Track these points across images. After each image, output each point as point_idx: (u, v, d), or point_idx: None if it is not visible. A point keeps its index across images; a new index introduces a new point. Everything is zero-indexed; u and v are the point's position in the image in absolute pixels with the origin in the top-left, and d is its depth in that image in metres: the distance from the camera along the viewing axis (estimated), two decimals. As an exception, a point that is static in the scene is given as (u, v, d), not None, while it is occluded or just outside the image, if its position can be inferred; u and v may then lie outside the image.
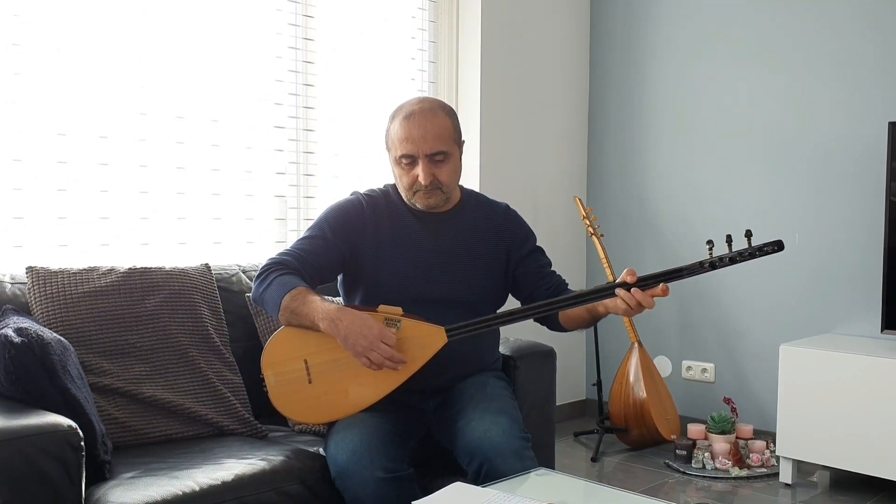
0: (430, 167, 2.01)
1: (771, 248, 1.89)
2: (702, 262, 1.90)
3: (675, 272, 1.90)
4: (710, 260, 1.90)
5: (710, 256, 1.91)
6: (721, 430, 3.31)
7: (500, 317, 1.99)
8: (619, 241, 3.99)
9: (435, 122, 2.02)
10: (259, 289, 1.98)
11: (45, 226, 2.48)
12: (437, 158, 2.01)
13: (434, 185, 2.02)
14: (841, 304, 3.35)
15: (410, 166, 2.02)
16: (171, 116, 2.73)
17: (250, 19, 2.94)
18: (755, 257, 1.90)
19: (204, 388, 2.15)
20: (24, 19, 2.40)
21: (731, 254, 1.90)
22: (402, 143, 2.01)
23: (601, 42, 4.09)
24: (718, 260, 1.90)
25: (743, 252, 1.90)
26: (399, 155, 2.02)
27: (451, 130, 2.06)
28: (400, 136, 2.01)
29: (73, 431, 1.57)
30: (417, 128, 2.00)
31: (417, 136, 1.99)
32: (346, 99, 3.27)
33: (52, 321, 2.02)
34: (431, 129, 2.00)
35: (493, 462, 1.83)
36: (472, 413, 1.94)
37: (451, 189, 2.08)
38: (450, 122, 2.06)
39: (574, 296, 1.98)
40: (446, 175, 2.04)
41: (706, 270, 1.91)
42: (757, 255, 1.90)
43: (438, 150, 2.00)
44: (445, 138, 2.02)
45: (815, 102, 3.41)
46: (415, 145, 1.99)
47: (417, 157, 2.00)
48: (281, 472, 1.85)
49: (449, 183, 2.06)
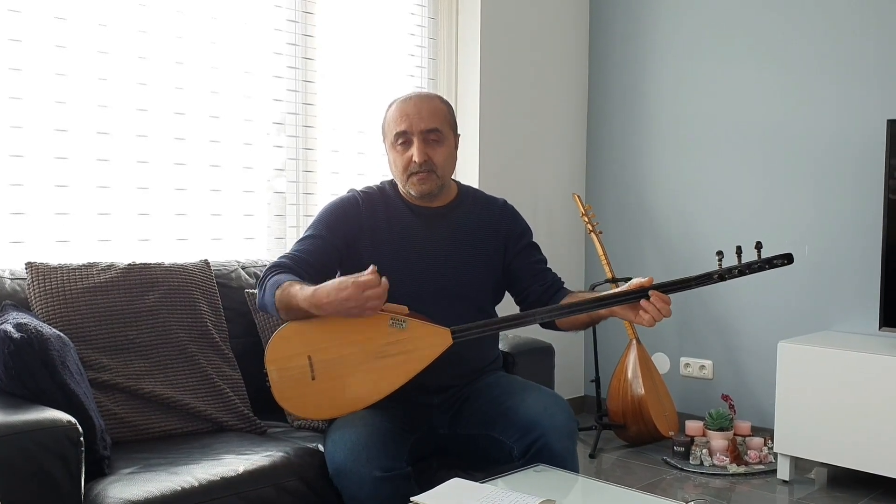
0: (425, 147, 2.03)
1: (781, 262, 1.91)
2: (710, 273, 1.92)
3: (684, 282, 1.92)
4: (720, 272, 1.93)
5: (719, 268, 1.93)
6: (719, 427, 3.31)
7: (506, 320, 2.00)
8: (617, 239, 3.99)
9: (430, 103, 2.07)
10: (260, 296, 1.99)
11: (44, 221, 2.48)
12: (432, 138, 2.04)
13: (428, 167, 2.04)
14: (839, 301, 3.36)
15: (405, 146, 2.04)
16: (170, 113, 2.73)
17: (250, 15, 2.94)
18: (764, 269, 1.92)
19: (203, 384, 2.15)
20: (24, 15, 2.40)
21: (741, 266, 1.92)
22: (397, 122, 2.04)
23: (601, 39, 4.09)
24: (727, 272, 1.93)
25: (752, 264, 1.91)
26: (394, 134, 2.05)
27: (447, 114, 2.10)
28: (395, 117, 2.06)
29: (73, 427, 1.57)
30: (413, 106, 2.05)
31: (412, 112, 2.03)
32: (346, 95, 3.27)
33: (51, 317, 2.02)
34: (426, 107, 2.05)
35: (549, 438, 1.87)
36: (525, 393, 1.99)
37: (445, 174, 2.09)
38: (445, 107, 2.11)
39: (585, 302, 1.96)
40: (441, 157, 2.06)
41: (715, 282, 1.93)
42: (766, 268, 1.92)
43: (433, 126, 2.04)
44: (440, 118, 2.06)
45: (813, 100, 3.41)
46: (409, 121, 2.03)
47: (412, 135, 2.03)
48: (280, 468, 1.85)
49: (443, 166, 2.07)
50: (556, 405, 1.95)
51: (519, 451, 1.92)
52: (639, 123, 3.96)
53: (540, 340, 2.57)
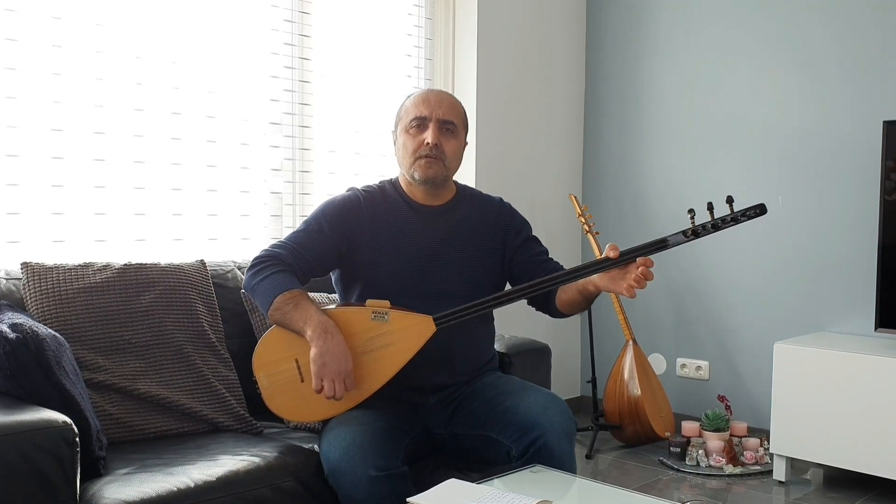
0: (439, 134, 2.06)
1: (753, 212, 1.87)
2: (685, 230, 1.89)
3: (659, 243, 1.88)
4: (693, 228, 1.89)
5: (692, 225, 1.89)
6: (715, 428, 3.31)
7: (486, 301, 1.98)
8: (614, 239, 3.98)
9: (452, 99, 2.15)
10: (252, 280, 1.98)
11: (40, 221, 2.47)
12: (448, 128, 2.08)
13: (438, 153, 2.06)
14: (835, 302, 3.37)
15: (419, 129, 2.07)
16: (167, 112, 2.73)
17: (247, 15, 2.94)
18: (738, 222, 1.87)
19: (199, 385, 2.15)
20: (20, 14, 2.39)
21: (714, 220, 1.88)
22: (418, 107, 2.08)
23: (598, 39, 4.09)
24: (701, 227, 1.88)
25: (725, 218, 1.87)
26: (411, 118, 2.08)
27: (464, 116, 2.16)
28: (415, 103, 2.10)
29: (69, 427, 1.56)
30: (435, 96, 2.11)
31: (434, 101, 2.09)
32: (343, 95, 3.26)
33: (47, 317, 2.02)
34: (447, 100, 2.12)
35: (548, 438, 1.88)
36: (525, 393, 2.00)
37: (451, 167, 2.11)
38: (463, 110, 2.17)
39: (558, 275, 1.98)
40: (451, 148, 2.09)
41: (689, 239, 1.88)
42: (740, 220, 1.87)
43: (451, 119, 2.08)
44: (458, 115, 2.12)
45: (810, 101, 3.41)
46: (430, 108, 2.07)
47: (429, 120, 2.06)
48: (276, 468, 1.85)
49: (451, 157, 2.10)
50: (554, 406, 1.95)
51: (517, 451, 1.92)
52: (636, 124, 3.96)
53: (536, 341, 2.57)
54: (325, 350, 1.85)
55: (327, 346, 1.85)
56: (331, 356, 1.84)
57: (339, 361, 1.85)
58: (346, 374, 1.86)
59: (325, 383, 1.85)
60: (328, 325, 1.87)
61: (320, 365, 1.84)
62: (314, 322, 1.87)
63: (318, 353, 1.85)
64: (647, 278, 1.84)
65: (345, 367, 1.86)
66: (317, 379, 1.85)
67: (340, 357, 1.85)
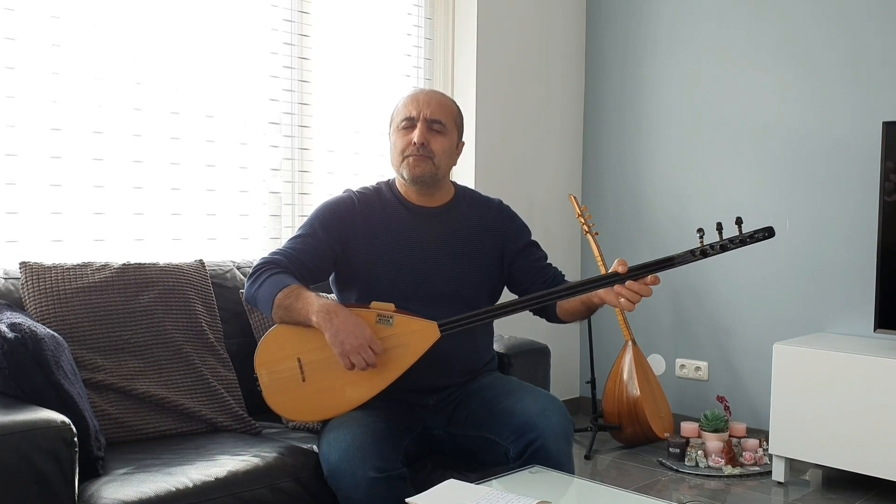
0: (427, 133, 2.06)
1: (762, 235, 1.88)
2: (692, 250, 1.89)
3: (667, 261, 1.89)
4: (702, 248, 1.89)
5: (700, 244, 1.90)
6: (714, 429, 3.31)
7: (492, 310, 1.99)
8: (613, 240, 3.99)
9: (441, 98, 2.14)
10: (252, 288, 1.99)
11: (38, 221, 2.47)
12: (435, 128, 2.08)
13: (426, 152, 2.06)
14: (834, 302, 3.36)
15: (408, 129, 2.08)
16: (165, 112, 2.73)
17: (246, 15, 2.93)
18: (746, 244, 1.88)
19: (198, 385, 2.15)
20: (18, 13, 2.39)
21: (723, 241, 1.88)
22: (407, 107, 2.10)
23: (597, 40, 4.09)
24: (710, 248, 1.89)
25: (734, 239, 1.88)
26: (401, 119, 2.09)
27: (455, 114, 2.15)
28: (406, 103, 2.11)
29: (67, 427, 1.56)
30: (424, 95, 2.12)
31: (422, 100, 2.09)
32: (342, 95, 3.26)
33: (45, 317, 2.02)
34: (437, 99, 2.12)
35: (546, 440, 1.88)
36: (523, 394, 2.00)
37: (441, 165, 2.10)
38: (455, 108, 2.16)
39: (565, 287, 1.98)
40: (439, 145, 2.08)
41: (697, 259, 1.89)
42: (748, 242, 1.88)
43: (438, 118, 2.08)
44: (447, 113, 2.11)
45: (809, 101, 3.41)
46: (418, 108, 2.08)
47: (417, 120, 2.06)
48: (274, 468, 1.85)
49: (440, 155, 2.08)
50: (552, 407, 1.95)
51: (514, 452, 1.92)
52: (636, 124, 3.96)
53: (535, 342, 2.56)
54: (336, 330, 1.84)
55: (336, 325, 1.85)
56: (345, 333, 1.84)
57: (354, 334, 1.84)
58: (368, 340, 1.85)
59: (352, 359, 1.84)
60: (330, 305, 1.88)
61: (339, 345, 1.84)
62: (316, 307, 1.87)
63: (332, 334, 1.85)
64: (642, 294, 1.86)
65: (361, 335, 1.85)
66: (343, 359, 1.85)
67: (353, 328, 1.85)
